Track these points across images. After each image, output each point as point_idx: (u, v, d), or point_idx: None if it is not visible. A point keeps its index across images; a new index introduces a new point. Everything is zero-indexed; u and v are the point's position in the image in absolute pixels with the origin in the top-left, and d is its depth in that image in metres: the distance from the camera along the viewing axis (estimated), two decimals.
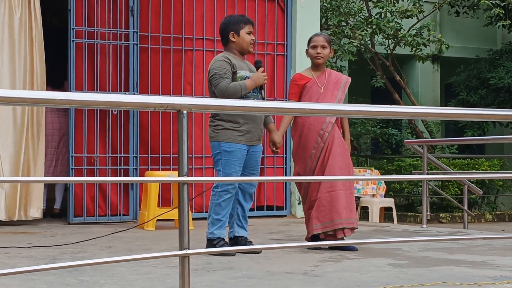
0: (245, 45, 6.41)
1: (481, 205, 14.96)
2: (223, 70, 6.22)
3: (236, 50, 6.41)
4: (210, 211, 6.22)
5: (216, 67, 6.25)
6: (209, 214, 6.24)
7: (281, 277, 5.05)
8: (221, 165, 6.22)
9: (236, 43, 6.40)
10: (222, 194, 6.18)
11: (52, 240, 7.18)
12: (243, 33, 6.40)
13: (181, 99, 3.87)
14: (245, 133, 6.25)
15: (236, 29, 6.39)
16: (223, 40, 6.50)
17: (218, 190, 6.19)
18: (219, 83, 6.18)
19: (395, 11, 14.43)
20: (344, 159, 6.53)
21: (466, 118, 5.01)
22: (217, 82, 6.20)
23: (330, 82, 6.67)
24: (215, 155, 6.29)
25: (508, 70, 15.40)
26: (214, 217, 6.18)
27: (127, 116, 9.33)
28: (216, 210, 6.18)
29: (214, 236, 6.18)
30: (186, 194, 3.75)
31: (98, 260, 3.78)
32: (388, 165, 14.50)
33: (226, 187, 6.18)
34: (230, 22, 6.46)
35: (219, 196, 6.18)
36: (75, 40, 9.15)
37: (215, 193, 6.20)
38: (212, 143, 6.29)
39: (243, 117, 6.23)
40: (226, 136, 6.21)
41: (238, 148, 6.21)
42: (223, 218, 6.19)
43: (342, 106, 4.58)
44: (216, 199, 6.19)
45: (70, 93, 3.66)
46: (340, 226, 6.42)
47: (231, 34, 6.39)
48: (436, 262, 5.82)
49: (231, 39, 6.40)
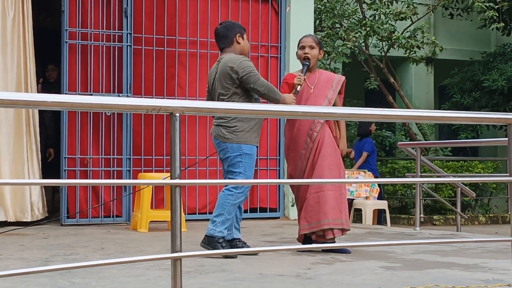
0: (247, 49, 6.55)
1: (475, 207, 14.98)
2: (255, 68, 6.30)
3: (238, 52, 6.44)
4: (223, 209, 6.18)
5: (250, 66, 6.27)
6: (220, 212, 6.18)
7: (273, 279, 5.05)
8: (242, 167, 6.23)
9: (241, 46, 6.47)
10: (240, 195, 6.21)
11: (45, 242, 7.17)
12: (245, 38, 6.53)
13: (174, 101, 3.86)
14: (257, 134, 6.33)
15: (242, 33, 6.48)
16: (224, 40, 6.46)
17: (237, 191, 6.19)
18: (262, 81, 6.24)
19: (389, 13, 14.44)
20: (334, 159, 6.53)
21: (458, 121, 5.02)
22: (257, 78, 6.23)
23: (321, 82, 6.68)
24: (233, 157, 6.25)
25: (501, 72, 15.43)
26: (227, 216, 6.18)
27: (121, 117, 9.32)
28: (230, 210, 6.19)
29: (221, 234, 6.17)
30: (178, 196, 3.75)
31: (90, 263, 3.77)
32: (381, 167, 14.51)
33: (245, 189, 6.23)
34: (236, 25, 6.55)
35: (237, 197, 6.20)
36: (69, 41, 9.14)
37: (233, 193, 6.19)
38: (230, 145, 6.24)
39: (254, 119, 6.26)
40: (247, 138, 6.24)
41: (255, 150, 6.31)
42: (232, 218, 6.24)
43: (335, 109, 4.59)
44: (234, 199, 6.19)
45: (61, 95, 3.65)
46: (327, 227, 6.41)
47: (238, 36, 6.44)
48: (429, 265, 5.82)
49: (238, 40, 6.44)
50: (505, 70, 15.38)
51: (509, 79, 15.20)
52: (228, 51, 6.44)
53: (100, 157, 9.28)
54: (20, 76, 8.86)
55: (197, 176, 9.63)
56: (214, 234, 6.16)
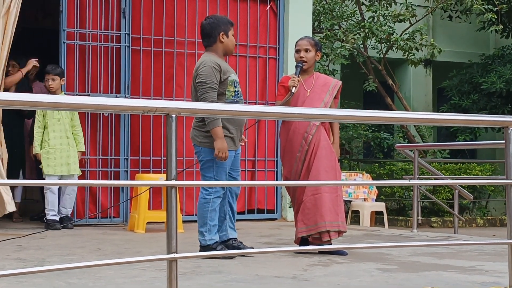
0: (231, 47, 6.40)
1: (473, 209, 14.97)
2: (212, 80, 6.13)
3: (222, 51, 6.35)
4: (205, 218, 6.14)
5: (206, 74, 6.15)
6: (203, 222, 6.15)
7: (270, 281, 5.05)
8: (213, 172, 6.17)
9: (224, 44, 6.34)
10: (215, 200, 6.16)
11: (42, 242, 7.16)
12: (231, 35, 6.37)
13: (170, 103, 3.86)
14: (233, 139, 6.24)
15: (226, 30, 6.34)
16: (208, 39, 6.36)
17: (212, 197, 6.14)
18: (207, 96, 6.10)
19: (388, 15, 14.44)
20: (330, 161, 6.51)
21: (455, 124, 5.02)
22: (204, 91, 6.12)
23: (318, 85, 6.66)
24: (205, 161, 6.21)
25: (500, 75, 15.42)
26: (210, 224, 6.14)
27: (118, 118, 9.32)
28: (212, 216, 6.15)
29: (213, 241, 6.14)
30: (174, 197, 3.75)
31: (86, 264, 3.77)
32: (379, 169, 14.50)
33: (219, 193, 6.17)
34: (220, 22, 6.36)
35: (213, 202, 6.15)
36: (67, 41, 9.14)
37: (208, 200, 6.15)
38: (203, 149, 6.20)
39: (231, 123, 6.20)
40: None
41: (229, 155, 6.19)
42: (217, 222, 6.20)
43: (331, 111, 4.60)
44: (211, 205, 6.14)
45: (58, 96, 3.65)
46: (324, 229, 6.40)
47: (221, 35, 6.31)
48: (425, 267, 5.82)
49: (221, 39, 6.32)
50: (504, 72, 15.37)
51: (507, 81, 15.20)
52: (210, 50, 6.35)
53: (97, 158, 9.28)
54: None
55: (194, 177, 9.62)
56: (206, 244, 6.15)
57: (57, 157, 8.63)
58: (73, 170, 8.66)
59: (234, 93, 6.27)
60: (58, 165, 8.62)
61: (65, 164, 8.63)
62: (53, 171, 8.59)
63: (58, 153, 8.63)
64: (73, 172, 8.67)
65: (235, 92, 6.27)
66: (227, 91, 6.22)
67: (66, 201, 8.74)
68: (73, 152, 8.71)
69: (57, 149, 8.64)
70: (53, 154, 8.62)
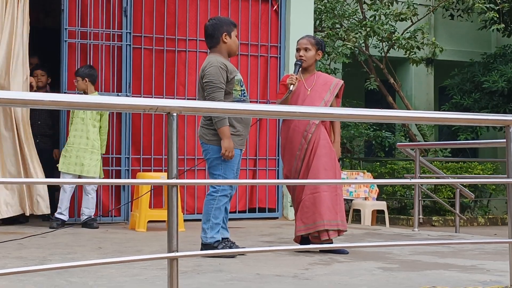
0: (235, 47, 6.40)
1: (474, 208, 14.96)
2: (219, 79, 6.13)
3: (225, 52, 6.35)
4: (209, 215, 6.15)
5: (213, 74, 6.14)
6: (207, 219, 6.16)
7: (271, 280, 5.04)
8: (221, 169, 6.17)
9: (228, 45, 6.34)
10: (222, 198, 6.17)
11: (43, 241, 7.16)
12: (233, 36, 6.37)
13: (171, 101, 3.86)
14: (241, 137, 6.25)
15: (228, 31, 6.34)
16: (211, 40, 6.36)
17: (218, 195, 6.15)
18: (215, 95, 6.11)
19: (390, 13, 14.43)
20: (330, 160, 6.50)
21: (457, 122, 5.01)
22: (212, 91, 6.12)
23: (318, 84, 6.66)
24: (213, 159, 6.20)
25: (502, 73, 15.42)
26: (213, 221, 6.14)
27: (120, 117, 9.32)
28: (216, 214, 6.15)
29: (214, 240, 6.15)
30: (175, 196, 3.75)
31: (87, 262, 3.77)
32: (381, 168, 14.49)
33: (226, 191, 6.18)
34: (223, 23, 6.37)
35: (219, 200, 6.16)
36: (68, 40, 9.14)
37: (214, 197, 6.15)
38: (211, 147, 6.19)
39: (238, 122, 6.22)
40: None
41: (237, 153, 6.20)
42: (220, 221, 6.20)
43: (333, 110, 4.59)
44: (217, 203, 6.15)
45: (58, 94, 3.65)
46: (322, 228, 6.40)
47: (224, 35, 6.31)
48: (427, 266, 5.81)
49: (224, 40, 6.32)
50: (505, 71, 15.37)
51: (509, 80, 15.19)
52: (214, 51, 6.36)
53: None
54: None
55: (195, 176, 9.62)
56: (207, 241, 6.15)
57: (73, 156, 8.62)
58: (86, 171, 8.62)
59: (241, 92, 6.30)
60: (73, 164, 8.61)
61: (79, 164, 8.61)
62: (67, 169, 8.61)
63: (74, 152, 8.63)
64: (87, 174, 8.62)
65: (241, 91, 6.30)
66: (234, 90, 6.25)
67: (87, 202, 8.74)
68: (90, 154, 8.66)
69: (74, 148, 8.64)
70: (69, 153, 8.64)
